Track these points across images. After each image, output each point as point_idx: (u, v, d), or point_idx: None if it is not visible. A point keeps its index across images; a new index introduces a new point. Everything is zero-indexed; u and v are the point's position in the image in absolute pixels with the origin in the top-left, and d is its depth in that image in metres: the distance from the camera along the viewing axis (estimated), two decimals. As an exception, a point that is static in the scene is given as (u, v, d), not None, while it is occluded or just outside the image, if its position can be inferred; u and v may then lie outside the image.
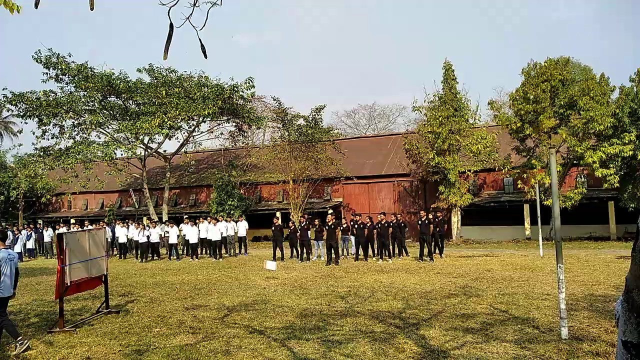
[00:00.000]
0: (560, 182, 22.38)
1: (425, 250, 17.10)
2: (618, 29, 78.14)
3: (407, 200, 28.52)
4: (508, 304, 9.19)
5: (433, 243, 17.76)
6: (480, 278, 12.58)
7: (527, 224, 24.67)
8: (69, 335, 7.87)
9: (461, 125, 23.60)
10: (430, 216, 18.09)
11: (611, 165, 20.77)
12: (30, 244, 24.24)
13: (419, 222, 17.75)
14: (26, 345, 6.95)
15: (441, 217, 19.24)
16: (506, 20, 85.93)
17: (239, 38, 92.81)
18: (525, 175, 22.31)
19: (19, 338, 6.96)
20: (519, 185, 23.09)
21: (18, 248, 23.13)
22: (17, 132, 56.71)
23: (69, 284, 8.54)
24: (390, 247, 17.66)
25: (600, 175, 20.92)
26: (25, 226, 27.54)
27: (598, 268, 13.73)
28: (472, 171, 23.97)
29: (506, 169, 23.16)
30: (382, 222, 17.47)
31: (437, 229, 17.96)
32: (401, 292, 10.83)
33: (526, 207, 24.54)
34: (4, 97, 26.63)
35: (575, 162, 22.31)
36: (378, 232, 17.47)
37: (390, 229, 17.51)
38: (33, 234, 24.74)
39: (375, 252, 17.84)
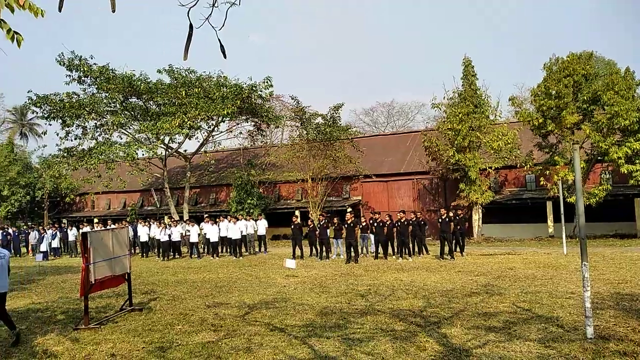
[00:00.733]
0: (584, 179, 21.94)
1: (446, 249, 16.95)
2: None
3: (427, 198, 28.31)
4: (531, 303, 9.05)
5: (454, 241, 17.60)
6: (502, 276, 12.42)
7: (550, 222, 24.24)
8: (94, 332, 8.02)
9: (482, 122, 23.29)
10: (451, 214, 17.93)
11: (637, 161, 20.26)
12: (55, 243, 24.77)
13: (440, 220, 17.60)
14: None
15: (462, 215, 19.05)
16: (526, 16, 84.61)
17: (251, 38, 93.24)
18: (547, 172, 21.93)
19: None
20: (542, 182, 22.71)
21: (44, 247, 23.68)
22: (42, 133, 58.12)
23: (93, 282, 8.70)
24: (410, 245, 17.55)
25: (625, 172, 20.44)
26: (51, 225, 28.16)
27: (624, 266, 13.42)
28: (493, 168, 23.66)
29: (528, 166, 22.80)
30: (402, 220, 17.36)
31: (458, 227, 17.79)
32: (422, 291, 10.75)
33: (549, 205, 24.12)
34: (28, 99, 27.26)
35: (599, 158, 21.84)
36: (398, 231, 17.38)
37: (410, 227, 17.40)
38: (58, 233, 25.27)
39: (395, 250, 17.76)
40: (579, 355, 5.89)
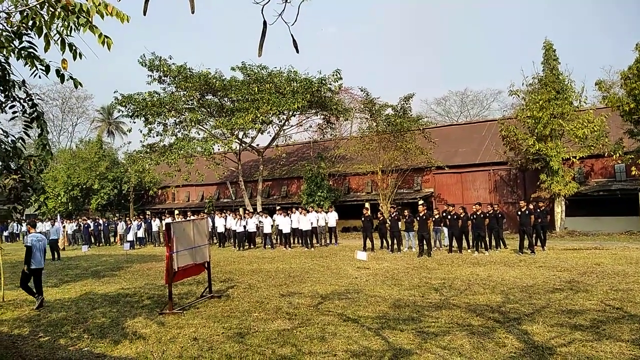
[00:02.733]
0: (684, 168, 19.95)
1: (526, 243, 16.16)
2: None
3: (505, 189, 27.09)
4: (622, 301, 8.43)
5: (534, 235, 16.74)
6: (588, 272, 11.66)
7: (643, 215, 22.34)
8: (177, 317, 8.50)
9: (564, 109, 21.86)
10: (531, 206, 17.06)
11: None
12: (140, 233, 26.44)
13: (519, 212, 16.80)
14: (40, 301, 9.73)
15: (543, 207, 18.04)
16: (615, -9, 78.05)
17: (322, 30, 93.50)
18: (640, 161, 20.18)
19: (38, 296, 9.82)
20: (633, 172, 20.91)
21: (130, 237, 25.37)
22: (127, 131, 62.61)
23: (176, 270, 9.20)
24: (487, 238, 16.92)
25: None
26: (136, 217, 30.11)
27: None
28: (577, 158, 22.15)
29: (617, 155, 21.06)
30: (478, 213, 16.77)
31: (539, 220, 16.86)
32: (500, 286, 10.35)
33: (642, 196, 22.22)
34: (115, 99, 29.19)
35: (702, 145, 19.76)
36: (473, 223, 16.80)
37: (487, 219, 16.75)
38: (143, 224, 26.96)
39: (471, 244, 17.20)
40: (680, 359, 5.41)
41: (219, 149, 30.10)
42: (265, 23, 4.04)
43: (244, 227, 21.92)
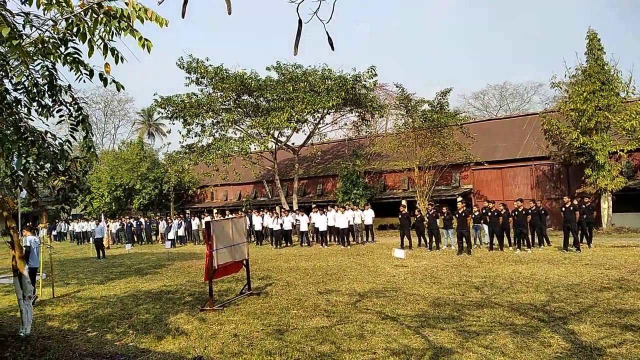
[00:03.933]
0: None
1: (571, 240, 15.60)
2: None
3: (547, 185, 26.24)
4: (678, 301, 8.01)
5: (580, 232, 16.13)
6: (638, 270, 11.14)
7: (698, 210, 21.19)
8: (218, 314, 8.65)
9: (610, 100, 20.96)
10: (576, 202, 16.45)
11: None
12: (181, 232, 27.08)
13: (563, 208, 16.24)
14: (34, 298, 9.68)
15: (589, 203, 17.37)
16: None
17: (357, 26, 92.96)
18: (694, 153, 19.14)
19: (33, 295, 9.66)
20: (687, 165, 19.92)
21: (171, 235, 26.01)
22: (166, 132, 64.24)
23: (216, 267, 9.37)
24: (530, 236, 16.43)
25: None
26: (176, 216, 30.86)
27: None
28: (625, 151, 21.22)
29: (669, 147, 20.09)
30: (519, 209, 16.32)
31: (585, 216, 16.24)
32: (544, 284, 10.03)
33: (696, 191, 21.07)
34: (154, 101, 29.97)
35: None
36: (515, 220, 16.36)
37: (529, 216, 16.27)
38: (183, 222, 27.60)
39: (512, 241, 16.76)
40: None
41: (255, 149, 30.47)
42: (300, 22, 4.03)
43: (281, 225, 22.11)
